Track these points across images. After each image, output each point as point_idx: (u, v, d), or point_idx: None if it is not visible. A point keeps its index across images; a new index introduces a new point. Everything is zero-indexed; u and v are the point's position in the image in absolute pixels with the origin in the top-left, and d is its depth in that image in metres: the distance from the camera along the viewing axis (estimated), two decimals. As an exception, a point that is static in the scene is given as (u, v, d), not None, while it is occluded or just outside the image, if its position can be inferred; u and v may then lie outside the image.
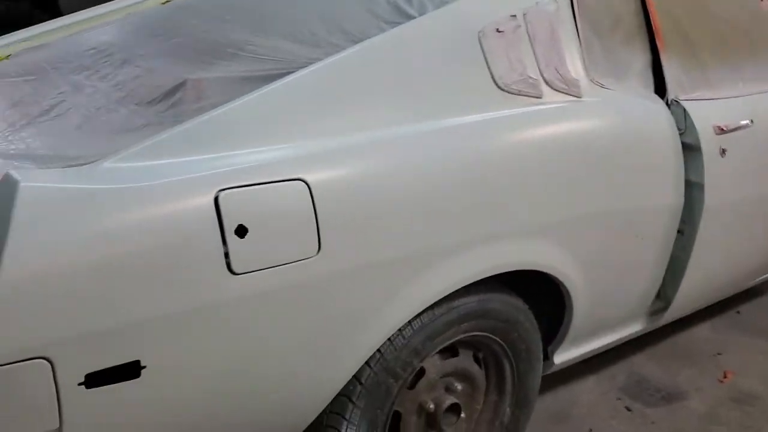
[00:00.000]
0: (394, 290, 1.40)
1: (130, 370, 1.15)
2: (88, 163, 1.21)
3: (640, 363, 2.43)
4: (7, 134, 1.53)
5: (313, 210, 1.26)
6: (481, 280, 1.58)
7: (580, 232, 1.70)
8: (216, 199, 1.17)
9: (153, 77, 1.75)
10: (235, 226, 1.19)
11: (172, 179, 1.18)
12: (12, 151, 1.43)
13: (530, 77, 1.61)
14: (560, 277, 1.69)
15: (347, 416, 1.50)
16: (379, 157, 1.39)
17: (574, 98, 1.69)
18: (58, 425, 1.12)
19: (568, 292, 1.74)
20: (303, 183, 1.26)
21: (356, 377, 1.47)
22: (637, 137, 1.81)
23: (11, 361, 1.04)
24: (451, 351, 1.70)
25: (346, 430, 1.50)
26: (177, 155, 1.22)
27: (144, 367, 1.16)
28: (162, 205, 1.15)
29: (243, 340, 1.25)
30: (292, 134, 1.32)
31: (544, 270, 1.65)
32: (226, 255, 1.18)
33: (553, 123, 1.64)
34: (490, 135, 1.55)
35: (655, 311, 2.14)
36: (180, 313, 1.17)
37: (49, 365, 1.07)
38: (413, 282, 1.43)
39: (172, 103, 1.56)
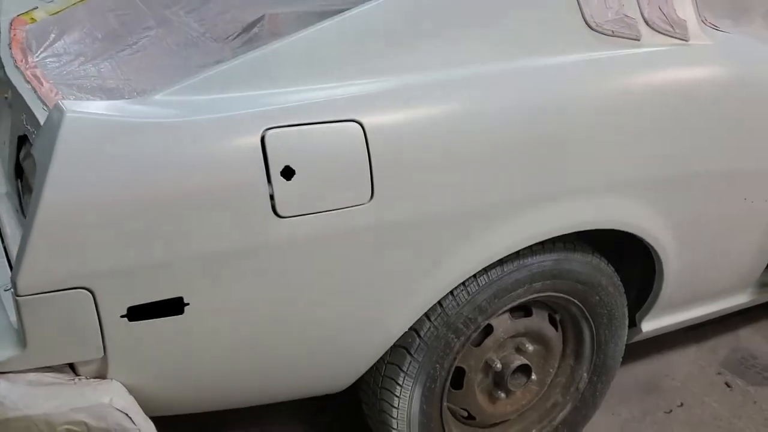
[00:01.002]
0: (455, 245, 1.33)
1: (173, 307, 1.15)
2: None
3: (748, 337, 2.23)
4: (87, 67, 1.56)
5: (367, 154, 1.19)
6: (560, 237, 1.47)
7: (676, 193, 1.54)
8: (263, 138, 1.13)
9: (234, 12, 1.72)
10: (282, 167, 1.14)
11: (219, 115, 1.14)
12: (86, 84, 1.45)
13: (627, 16, 1.45)
14: (649, 240, 1.55)
15: (405, 368, 1.46)
16: (448, 100, 1.30)
17: (680, 41, 1.51)
18: (102, 354, 1.14)
19: (658, 256, 1.59)
20: (357, 125, 1.19)
21: (414, 329, 1.41)
22: (755, 89, 1.60)
23: (54, 289, 1.06)
24: (524, 310, 1.61)
25: (404, 382, 1.46)
26: (228, 90, 1.19)
27: (187, 304, 1.15)
28: (207, 142, 1.12)
29: (289, 285, 1.22)
30: (351, 72, 1.25)
31: (631, 230, 1.52)
32: (272, 197, 1.14)
33: (652, 69, 1.48)
34: (577, 79, 1.41)
35: (767, 283, 1.93)
36: (225, 253, 1.15)
37: (90, 296, 1.08)
38: (477, 236, 1.34)
39: (248, 38, 1.53)
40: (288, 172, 1.15)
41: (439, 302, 1.40)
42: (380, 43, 1.29)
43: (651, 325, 1.79)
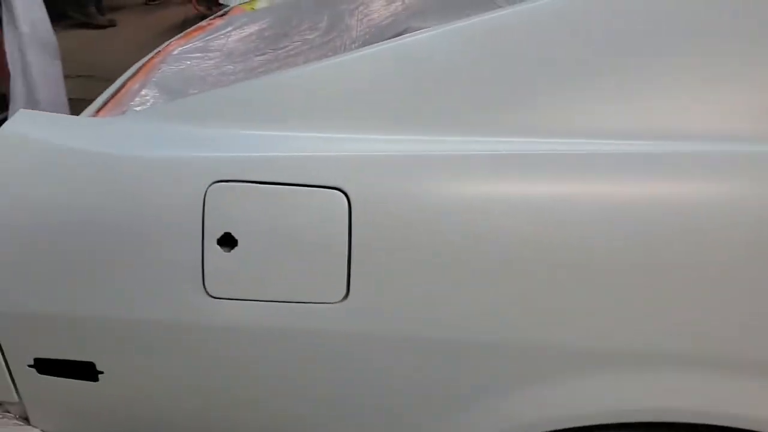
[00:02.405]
0: (500, 392, 0.90)
1: (86, 371, 0.95)
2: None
3: None
4: (226, 64, 1.43)
5: (347, 232, 0.85)
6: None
7: None
8: (206, 193, 0.86)
9: (392, 24, 1.46)
10: (220, 233, 0.86)
11: (167, 152, 0.90)
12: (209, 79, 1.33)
13: None
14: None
15: None
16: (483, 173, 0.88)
17: None
18: (17, 399, 1.00)
19: None
20: (341, 194, 0.85)
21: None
22: None
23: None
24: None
25: None
26: (210, 123, 0.93)
27: (101, 372, 0.95)
28: (141, 183, 0.88)
29: (213, 377, 0.94)
30: (357, 119, 0.91)
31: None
32: (202, 268, 0.87)
33: None
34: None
35: None
36: (142, 322, 0.91)
37: (-7, 337, 0.94)
38: (543, 389, 0.90)
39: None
40: (228, 241, 0.86)
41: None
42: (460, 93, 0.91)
43: None
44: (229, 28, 1.72)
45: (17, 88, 3.45)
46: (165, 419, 1.00)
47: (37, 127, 0.94)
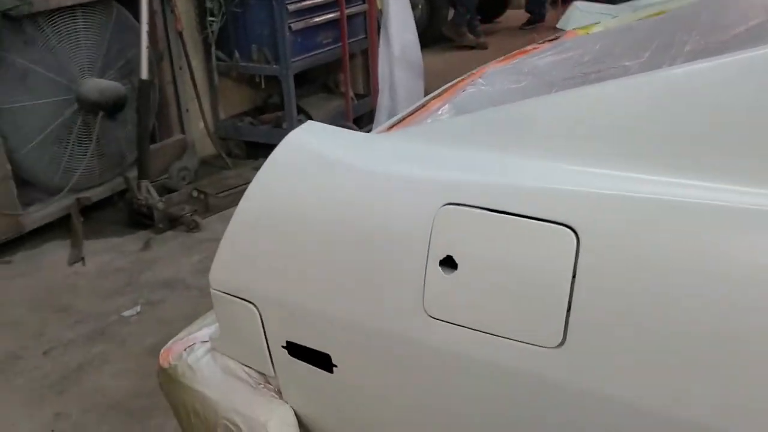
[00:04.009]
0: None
1: (324, 362, 1.03)
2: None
3: None
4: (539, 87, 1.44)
5: (571, 275, 0.79)
6: None
7: None
8: (437, 214, 0.88)
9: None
10: (443, 255, 0.87)
11: (407, 170, 0.93)
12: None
13: None
14: None
15: None
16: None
17: None
18: (273, 373, 1.12)
19: None
20: (571, 231, 0.80)
21: None
22: None
23: (229, 293, 1.09)
24: None
25: None
26: (455, 143, 0.94)
27: (335, 366, 1.02)
28: (378, 197, 0.93)
29: (419, 392, 0.94)
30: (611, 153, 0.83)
31: None
32: (424, 286, 0.89)
33: None
34: None
35: None
36: (369, 329, 0.96)
37: (257, 314, 1.07)
38: None
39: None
40: (449, 263, 0.87)
41: None
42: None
43: None
44: (550, 52, 1.70)
45: (383, 103, 3.85)
46: (382, 422, 1.03)
47: (314, 137, 1.05)
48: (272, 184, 1.04)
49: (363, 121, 4.21)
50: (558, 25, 2.28)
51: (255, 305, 1.07)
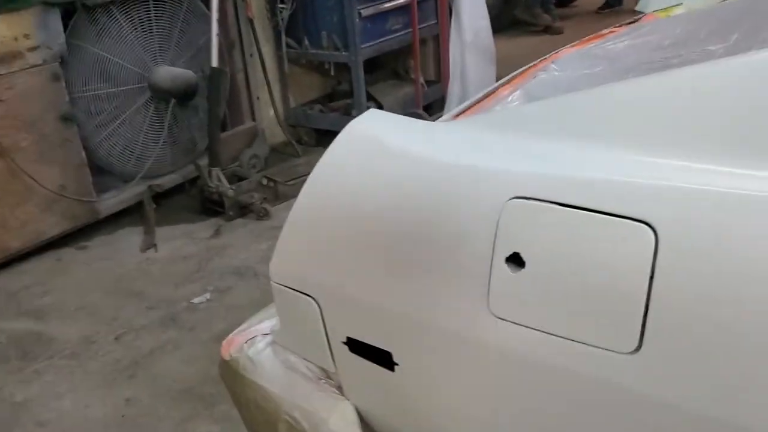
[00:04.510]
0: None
1: (386, 360, 1.00)
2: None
3: None
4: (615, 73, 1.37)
5: (649, 276, 0.73)
6: None
7: None
8: (504, 208, 0.83)
9: None
10: (510, 251, 0.82)
11: (473, 161, 0.88)
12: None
13: None
14: None
15: None
16: None
17: None
18: (334, 369, 1.10)
19: None
20: (649, 228, 0.74)
21: None
22: None
23: (290, 286, 1.07)
24: None
25: None
26: (524, 132, 0.89)
27: (397, 364, 0.98)
28: (443, 189, 0.89)
29: (497, 397, 0.89)
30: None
31: None
32: (488, 284, 0.84)
33: None
34: None
35: None
36: (431, 327, 0.92)
37: (317, 308, 1.04)
38: None
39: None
40: (516, 260, 0.81)
41: None
42: None
43: None
44: (627, 36, 1.61)
45: (454, 90, 3.78)
46: (444, 423, 0.99)
47: (377, 126, 1.01)
48: (333, 174, 1.00)
49: (434, 108, 4.15)
50: (637, 8, 2.17)
51: (315, 299, 1.04)
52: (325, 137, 3.95)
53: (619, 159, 0.79)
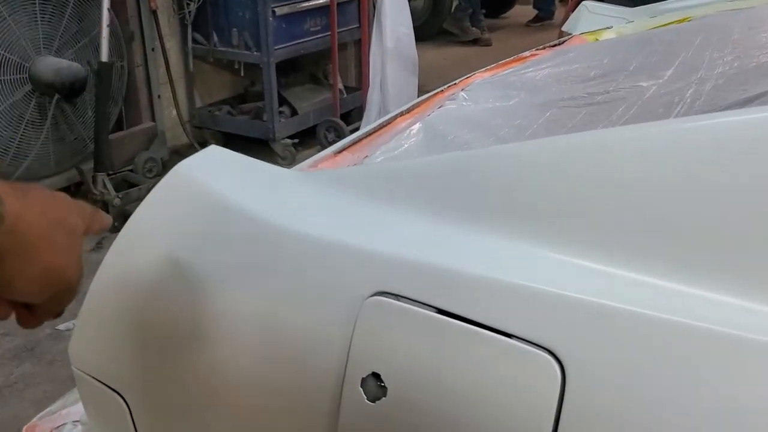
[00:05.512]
0: None
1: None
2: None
3: None
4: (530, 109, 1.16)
5: (556, 409, 0.51)
6: None
7: None
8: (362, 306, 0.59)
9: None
10: (368, 371, 0.58)
11: (322, 235, 0.64)
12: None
13: None
14: None
15: None
16: None
17: None
18: None
19: None
20: (552, 358, 0.51)
21: None
22: None
23: (92, 375, 0.81)
24: None
25: None
26: (404, 204, 0.65)
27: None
28: (279, 269, 0.65)
29: None
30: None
31: None
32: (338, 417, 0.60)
33: None
34: None
35: None
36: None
37: (126, 407, 0.78)
38: None
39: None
40: (373, 386, 0.58)
41: None
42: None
43: None
44: (549, 62, 1.41)
45: (373, 98, 3.56)
46: None
47: (210, 171, 0.75)
48: (144, 234, 0.74)
49: (352, 116, 3.91)
50: (563, 28, 1.98)
51: (122, 397, 0.78)
52: (232, 141, 3.65)
53: (522, 253, 0.56)
